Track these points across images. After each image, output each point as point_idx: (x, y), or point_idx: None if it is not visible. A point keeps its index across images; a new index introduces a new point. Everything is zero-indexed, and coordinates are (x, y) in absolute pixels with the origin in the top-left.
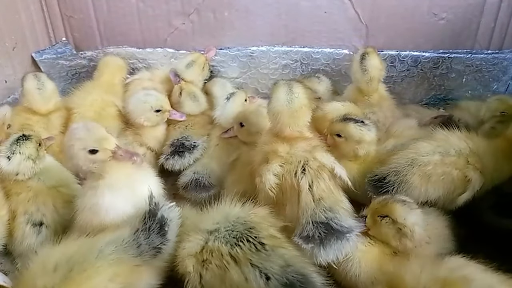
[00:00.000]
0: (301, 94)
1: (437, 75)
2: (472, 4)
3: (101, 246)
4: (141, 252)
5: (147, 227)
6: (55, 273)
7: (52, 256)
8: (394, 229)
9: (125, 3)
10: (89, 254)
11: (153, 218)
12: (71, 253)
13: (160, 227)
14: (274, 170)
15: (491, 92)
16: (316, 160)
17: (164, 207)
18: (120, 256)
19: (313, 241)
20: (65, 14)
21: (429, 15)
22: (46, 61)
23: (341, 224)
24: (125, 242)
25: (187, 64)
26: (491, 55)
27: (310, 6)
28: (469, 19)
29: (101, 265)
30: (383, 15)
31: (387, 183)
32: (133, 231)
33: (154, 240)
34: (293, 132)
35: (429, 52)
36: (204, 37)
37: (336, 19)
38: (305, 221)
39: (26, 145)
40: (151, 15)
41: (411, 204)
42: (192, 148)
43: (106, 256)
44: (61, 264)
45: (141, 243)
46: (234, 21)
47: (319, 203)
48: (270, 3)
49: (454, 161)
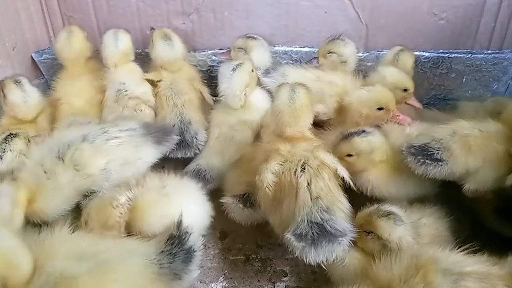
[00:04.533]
0: (302, 94)
1: (437, 75)
2: (472, 4)
3: (128, 254)
4: (161, 273)
5: (173, 253)
6: (78, 262)
7: (79, 245)
8: (379, 245)
9: (125, 3)
10: (117, 258)
11: (181, 246)
12: (100, 250)
13: (186, 257)
14: (273, 168)
15: (491, 92)
16: (316, 159)
17: (194, 236)
18: (143, 269)
19: (305, 240)
20: (65, 14)
21: (429, 15)
22: (46, 61)
23: (335, 227)
24: (149, 259)
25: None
26: (491, 55)
27: (310, 6)
28: (469, 19)
29: (125, 273)
30: (383, 15)
31: (430, 149)
32: (159, 251)
33: (177, 267)
34: (294, 132)
35: (429, 52)
36: (204, 37)
37: (336, 19)
38: (300, 219)
39: (15, 141)
40: (151, 15)
41: (396, 217)
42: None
43: (130, 266)
44: (87, 257)
45: (164, 265)
46: (234, 21)
47: (316, 202)
48: (270, 3)
49: (494, 136)
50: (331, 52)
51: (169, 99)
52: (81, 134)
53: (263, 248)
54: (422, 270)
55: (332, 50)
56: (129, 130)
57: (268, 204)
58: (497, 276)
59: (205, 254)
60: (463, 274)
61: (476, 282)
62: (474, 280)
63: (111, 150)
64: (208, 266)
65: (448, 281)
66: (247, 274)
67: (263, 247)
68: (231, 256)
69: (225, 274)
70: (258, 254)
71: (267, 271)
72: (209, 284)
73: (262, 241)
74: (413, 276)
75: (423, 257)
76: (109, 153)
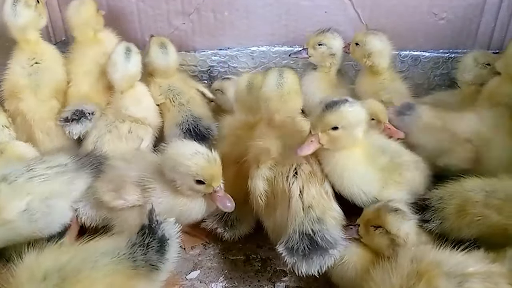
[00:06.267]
0: (290, 79)
1: (438, 75)
2: (472, 4)
3: (96, 256)
4: (136, 266)
5: (146, 243)
6: (44, 281)
7: (42, 264)
8: (387, 239)
9: (125, 2)
10: (83, 264)
11: (153, 236)
12: (63, 262)
13: (160, 246)
14: (264, 174)
15: None
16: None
17: (166, 224)
18: (115, 267)
19: (296, 255)
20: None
21: (429, 15)
22: None
23: (326, 239)
24: (121, 254)
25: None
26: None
27: (310, 6)
28: (469, 19)
29: (97, 276)
30: (383, 14)
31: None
32: (130, 245)
33: (152, 257)
34: (283, 118)
35: (429, 52)
36: (204, 37)
37: (336, 19)
38: (292, 230)
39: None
40: (151, 14)
41: (404, 213)
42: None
43: (101, 267)
44: (52, 273)
45: (137, 258)
46: (234, 21)
47: (308, 213)
48: (270, 3)
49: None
50: (321, 43)
51: (173, 100)
52: (1, 173)
53: (263, 248)
54: (425, 276)
55: (322, 41)
56: (59, 167)
57: (261, 210)
58: (500, 274)
59: (205, 254)
60: (467, 275)
61: (480, 283)
62: (478, 280)
63: (32, 188)
64: (208, 266)
65: (452, 284)
66: (247, 274)
67: (263, 247)
68: (231, 256)
69: (225, 274)
70: (258, 254)
71: (267, 271)
72: (209, 284)
73: (262, 241)
74: (416, 284)
75: (424, 262)
76: (30, 191)
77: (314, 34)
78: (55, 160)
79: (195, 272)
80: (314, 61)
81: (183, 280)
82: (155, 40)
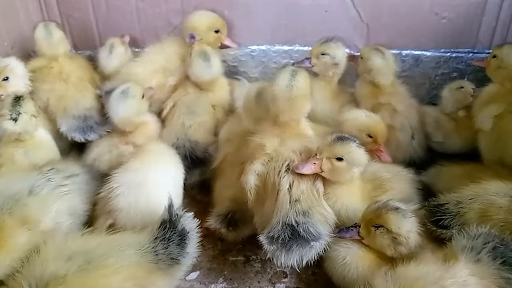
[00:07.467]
0: (301, 82)
1: (439, 75)
2: (473, 3)
3: (123, 246)
4: (158, 260)
5: (167, 237)
6: (69, 261)
7: (69, 245)
8: (389, 239)
9: (124, 1)
10: (110, 251)
11: (174, 229)
12: (91, 247)
13: (181, 239)
14: (257, 169)
15: None
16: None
17: (185, 218)
18: (139, 259)
19: (276, 243)
20: (64, 13)
21: (431, 14)
22: None
23: (309, 231)
24: (145, 247)
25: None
26: None
27: (311, 5)
28: (470, 18)
29: (122, 265)
30: (384, 14)
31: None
32: (152, 238)
33: (173, 251)
34: (287, 119)
35: (430, 51)
36: None
37: (337, 18)
38: (276, 221)
39: (26, 103)
40: (150, 13)
41: (405, 212)
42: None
43: (127, 257)
44: (78, 255)
45: (159, 252)
46: (234, 20)
47: (294, 205)
48: (270, 2)
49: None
50: (324, 53)
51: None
52: (25, 186)
53: (263, 249)
54: None
55: (326, 51)
56: (73, 177)
57: (253, 203)
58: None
59: (205, 255)
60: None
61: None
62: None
63: (55, 198)
64: (207, 267)
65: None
66: (247, 275)
67: (263, 248)
68: (231, 257)
69: (225, 275)
70: (258, 255)
71: (267, 272)
72: (209, 285)
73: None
74: None
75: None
76: (55, 202)
77: (317, 44)
78: (68, 170)
79: (195, 273)
80: (317, 71)
81: (183, 281)
82: (197, 51)
